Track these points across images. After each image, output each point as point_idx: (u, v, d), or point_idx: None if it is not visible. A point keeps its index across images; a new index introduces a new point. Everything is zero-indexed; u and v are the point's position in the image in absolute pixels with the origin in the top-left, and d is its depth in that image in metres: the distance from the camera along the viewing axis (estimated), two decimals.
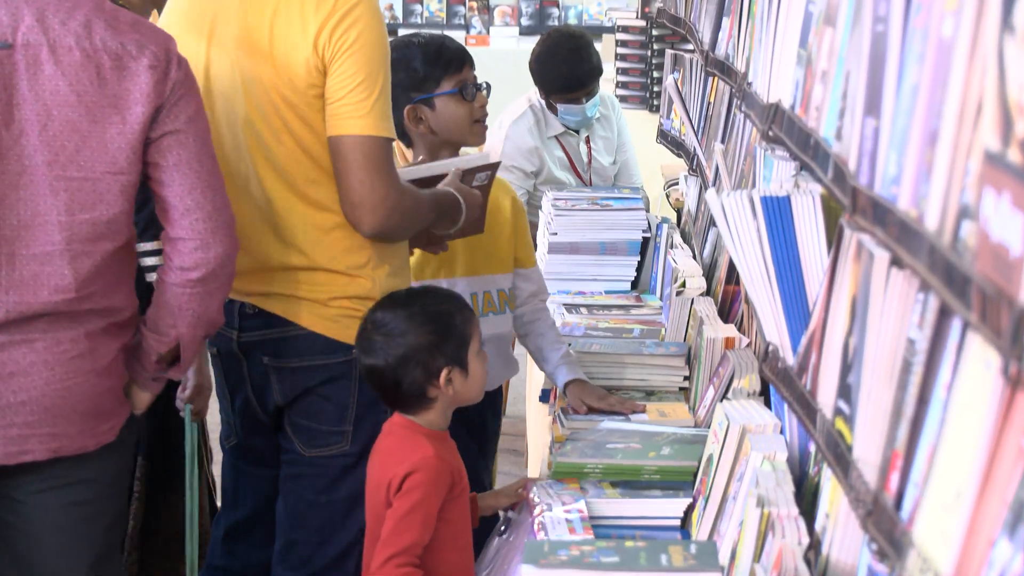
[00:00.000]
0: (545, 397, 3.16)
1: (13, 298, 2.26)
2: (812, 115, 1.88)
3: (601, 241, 3.89)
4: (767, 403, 2.30)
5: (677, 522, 2.43)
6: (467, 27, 9.99)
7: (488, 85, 3.20)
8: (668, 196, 4.86)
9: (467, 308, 2.53)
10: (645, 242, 3.91)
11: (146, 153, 2.33)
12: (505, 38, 9.81)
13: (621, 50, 6.33)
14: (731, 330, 2.76)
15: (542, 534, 2.32)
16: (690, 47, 4.12)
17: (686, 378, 2.98)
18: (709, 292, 3.19)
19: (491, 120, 3.24)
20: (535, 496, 2.46)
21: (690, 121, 3.82)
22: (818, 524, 1.83)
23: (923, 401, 1.35)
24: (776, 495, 1.89)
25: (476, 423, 3.03)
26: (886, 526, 1.38)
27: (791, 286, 1.93)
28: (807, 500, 1.95)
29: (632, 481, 2.49)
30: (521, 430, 5.07)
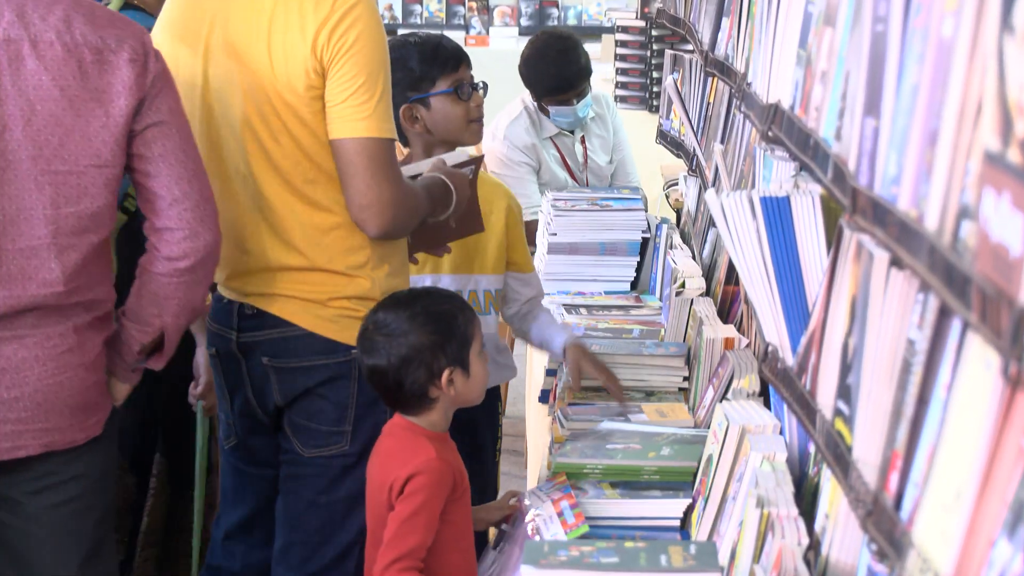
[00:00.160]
0: (545, 398, 3.16)
1: (3, 293, 2.27)
2: (812, 115, 1.88)
3: (601, 241, 3.89)
4: (767, 403, 2.30)
5: (677, 522, 2.43)
6: (467, 27, 9.99)
7: (485, 84, 3.20)
8: (668, 196, 4.86)
9: (468, 309, 2.53)
10: (645, 242, 3.91)
11: (131, 145, 2.35)
12: (504, 38, 9.80)
13: (620, 50, 6.32)
14: (730, 330, 2.76)
15: (537, 537, 2.33)
16: (690, 47, 4.12)
17: (686, 378, 2.98)
18: (709, 292, 3.19)
19: (486, 122, 3.24)
20: (527, 502, 2.46)
21: (689, 121, 3.82)
22: (818, 524, 1.83)
23: (923, 401, 1.35)
24: (776, 495, 1.89)
25: (465, 426, 3.01)
26: (886, 526, 1.38)
27: (791, 286, 1.93)
28: (807, 500, 1.95)
29: (632, 481, 2.49)
30: (521, 430, 5.08)
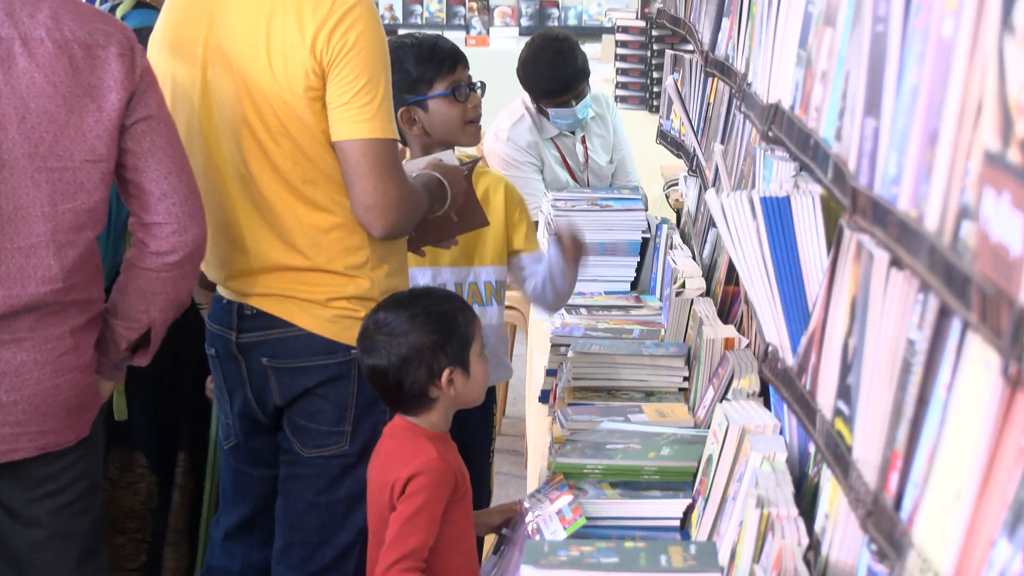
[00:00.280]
0: (544, 397, 3.15)
1: (3, 292, 2.27)
2: (812, 115, 1.88)
3: (601, 242, 3.89)
4: (767, 404, 2.30)
5: (677, 523, 2.42)
6: (467, 27, 9.99)
7: (483, 84, 3.20)
8: (668, 197, 4.86)
9: (469, 309, 2.53)
10: (645, 243, 3.90)
11: (120, 140, 2.36)
12: (505, 39, 9.80)
13: (621, 51, 6.33)
14: (731, 331, 2.76)
15: (537, 536, 2.32)
16: (690, 48, 4.12)
17: (686, 379, 2.98)
18: (709, 293, 3.19)
19: (487, 122, 3.24)
20: (526, 504, 2.46)
21: (690, 122, 3.82)
22: (817, 524, 1.83)
23: (923, 401, 1.35)
24: (776, 495, 1.89)
25: (458, 427, 3.00)
26: (886, 526, 1.38)
27: (791, 287, 1.93)
28: (807, 500, 1.95)
29: (632, 482, 2.49)
30: (521, 430, 5.07)
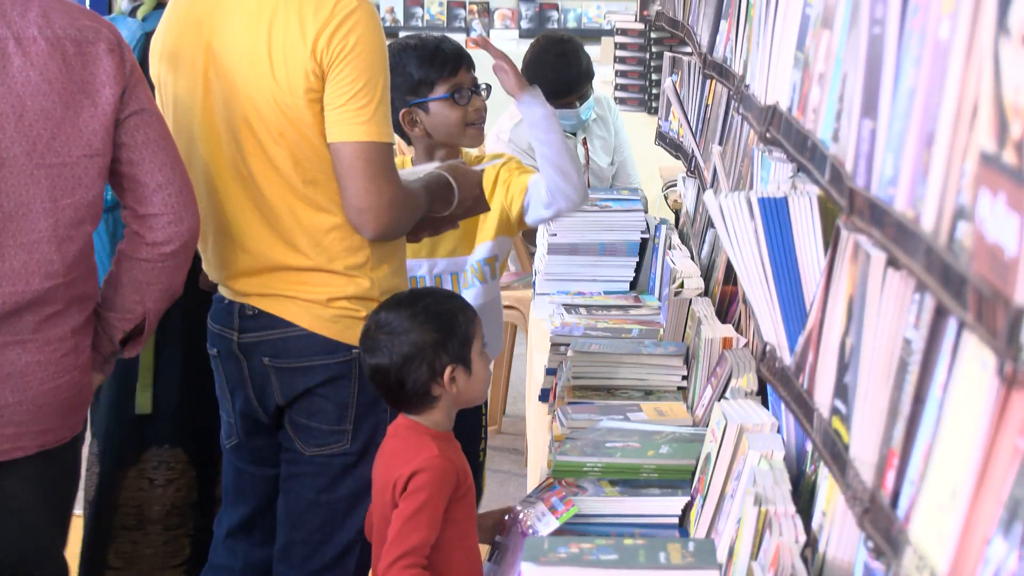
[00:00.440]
0: (544, 396, 3.16)
1: (7, 289, 2.29)
2: (809, 117, 1.88)
3: (600, 242, 3.89)
4: (764, 402, 2.30)
5: (675, 520, 2.42)
6: (467, 30, 9.99)
7: (488, 87, 3.20)
8: (666, 198, 4.86)
9: (469, 308, 2.53)
10: (644, 243, 3.90)
11: (115, 135, 2.38)
12: (505, 41, 9.79)
13: (620, 53, 6.32)
14: (729, 330, 2.76)
15: (531, 531, 2.32)
16: (688, 50, 4.12)
17: (684, 377, 2.98)
18: (707, 292, 3.19)
19: (489, 123, 3.24)
20: (519, 507, 2.46)
21: (688, 123, 3.82)
22: (815, 522, 1.83)
23: (919, 400, 1.35)
24: (773, 493, 1.89)
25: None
26: (882, 524, 1.38)
27: (788, 287, 1.93)
28: (804, 498, 1.95)
29: (631, 479, 2.49)
30: (521, 429, 5.07)
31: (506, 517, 2.53)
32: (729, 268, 2.99)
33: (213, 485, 3.32)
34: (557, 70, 4.66)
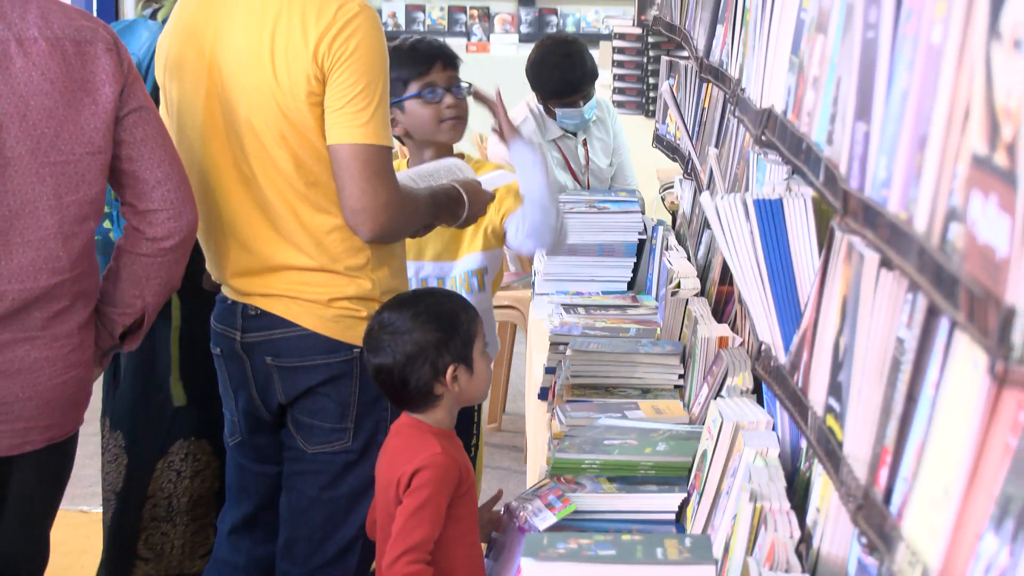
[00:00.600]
0: (544, 395, 3.16)
1: (15, 286, 2.30)
2: (804, 120, 1.88)
3: (599, 243, 3.89)
4: (760, 401, 2.30)
5: (672, 516, 2.42)
6: (468, 34, 9.98)
7: (469, 85, 3.20)
8: (663, 199, 4.87)
9: (471, 308, 2.53)
10: (641, 244, 3.90)
11: (114, 132, 2.39)
12: (505, 45, 9.80)
13: (618, 57, 6.32)
14: (725, 330, 2.76)
15: (528, 526, 2.32)
16: (685, 54, 4.12)
17: (681, 376, 2.98)
18: (703, 293, 3.19)
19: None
20: (514, 504, 2.45)
21: (685, 126, 3.82)
22: (809, 518, 1.83)
23: (912, 399, 1.35)
24: (768, 490, 1.89)
25: None
26: (876, 520, 1.38)
27: (783, 287, 1.93)
28: (798, 495, 1.95)
29: (629, 476, 2.49)
30: (521, 427, 5.08)
31: (503, 513, 2.53)
32: (725, 268, 2.99)
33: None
34: (563, 70, 4.67)
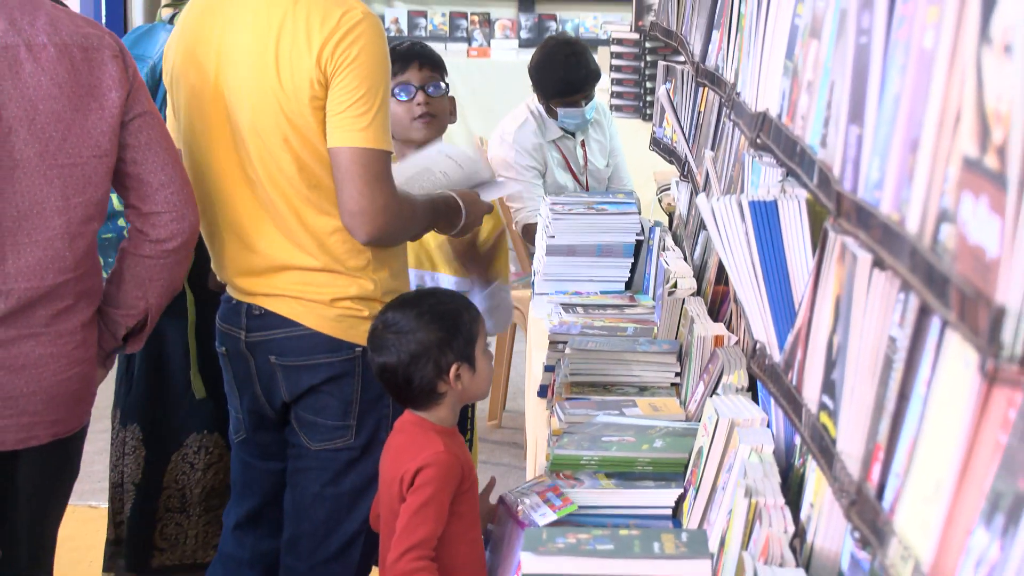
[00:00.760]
0: (543, 392, 3.15)
1: (23, 284, 2.32)
2: (798, 123, 1.88)
3: (597, 244, 3.89)
4: (755, 398, 2.30)
5: (669, 511, 2.42)
6: (469, 40, 9.97)
7: (447, 85, 3.25)
8: (660, 201, 4.87)
9: (473, 308, 2.53)
10: (638, 245, 3.90)
11: (120, 136, 2.40)
12: (505, 50, 9.78)
13: (616, 62, 6.32)
14: (720, 328, 2.76)
15: (525, 520, 2.32)
16: (681, 59, 4.11)
17: (677, 374, 2.98)
18: (699, 292, 3.18)
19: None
20: (512, 497, 2.45)
21: (681, 129, 3.82)
22: (803, 513, 1.83)
23: (904, 397, 1.35)
24: (763, 486, 1.89)
25: None
26: (868, 515, 1.38)
27: (778, 286, 1.93)
28: (793, 490, 1.95)
29: (626, 472, 2.49)
30: (520, 424, 5.07)
31: (498, 504, 2.53)
32: (721, 269, 2.99)
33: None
34: (568, 69, 4.68)
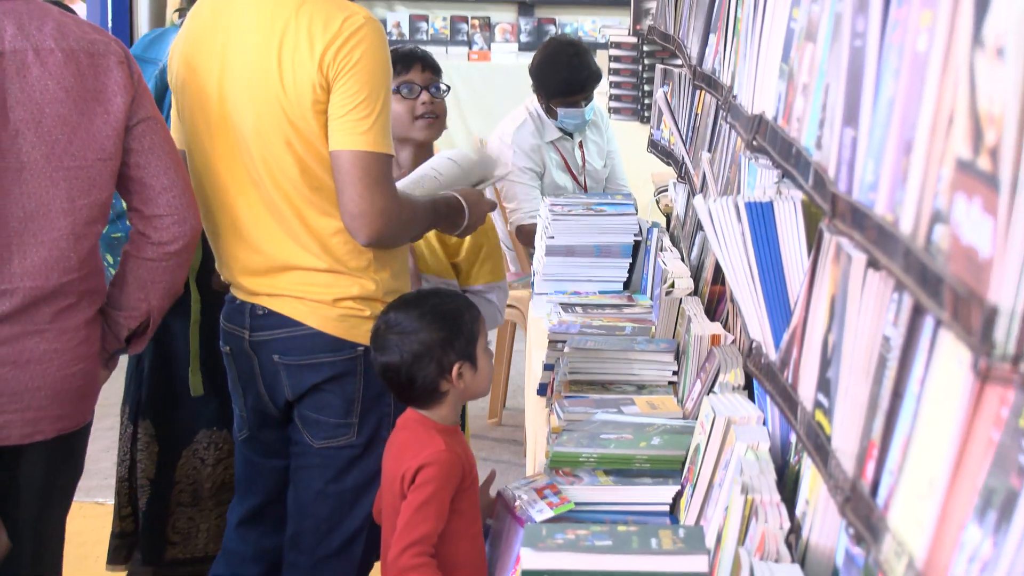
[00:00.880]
0: (542, 390, 3.15)
1: (28, 283, 2.34)
2: (794, 126, 1.88)
3: (595, 244, 3.89)
4: (751, 396, 2.30)
5: (666, 508, 2.42)
6: (469, 43, 9.97)
7: (448, 87, 3.26)
8: (658, 202, 4.86)
9: (474, 307, 2.53)
10: (636, 245, 3.90)
11: (124, 140, 2.42)
12: (505, 54, 9.78)
13: (614, 65, 6.30)
14: (717, 328, 2.76)
15: (522, 514, 2.32)
16: (679, 62, 4.11)
17: (675, 373, 2.98)
18: (696, 292, 3.18)
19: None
20: (509, 493, 2.45)
21: (679, 131, 3.82)
22: (799, 510, 1.83)
23: (897, 395, 1.35)
24: (759, 483, 1.89)
25: None
26: (863, 512, 1.38)
27: (774, 286, 1.93)
28: (788, 487, 1.95)
29: (624, 469, 2.49)
30: (520, 422, 5.07)
31: (497, 498, 2.53)
32: (717, 269, 2.99)
33: None
34: (571, 68, 4.69)
